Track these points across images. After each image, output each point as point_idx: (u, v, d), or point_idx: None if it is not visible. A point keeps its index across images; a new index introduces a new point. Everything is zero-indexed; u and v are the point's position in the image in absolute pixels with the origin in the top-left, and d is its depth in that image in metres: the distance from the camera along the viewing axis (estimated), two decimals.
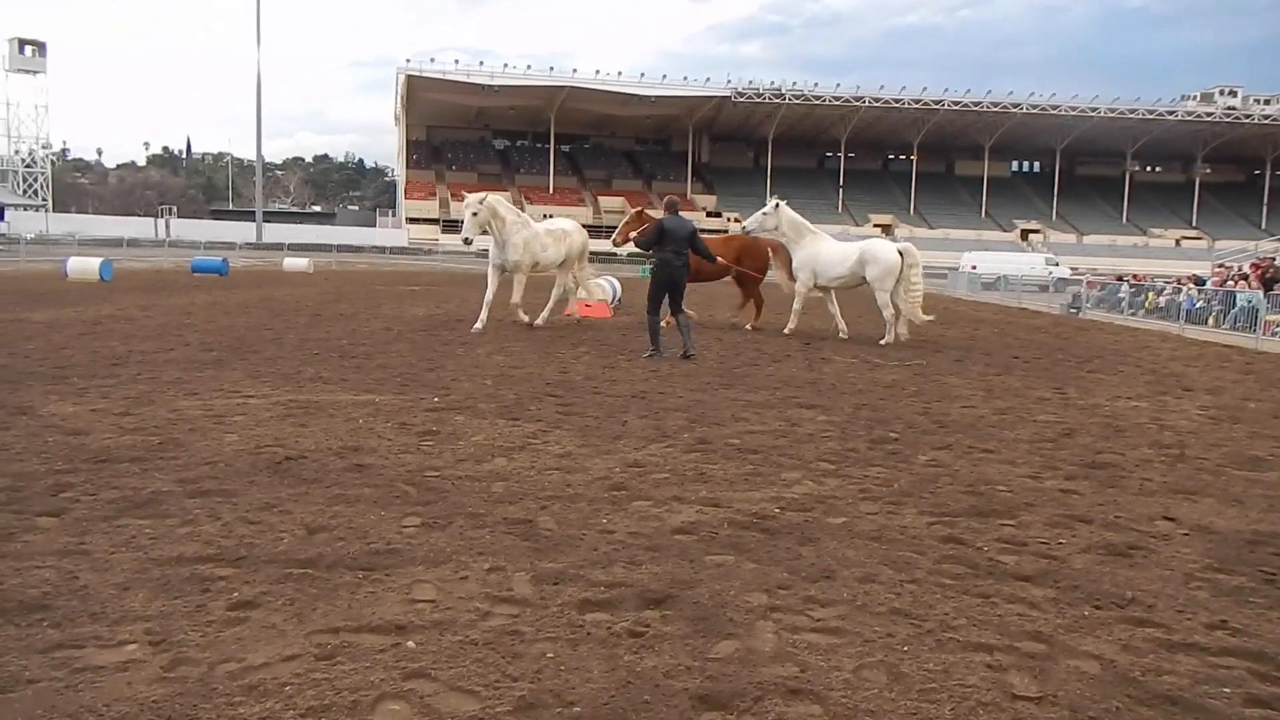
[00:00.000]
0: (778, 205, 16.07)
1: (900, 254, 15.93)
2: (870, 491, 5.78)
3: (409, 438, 6.82)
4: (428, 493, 5.36)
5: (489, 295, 14.88)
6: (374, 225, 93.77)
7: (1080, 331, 21.11)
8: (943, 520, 5.22)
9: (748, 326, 17.06)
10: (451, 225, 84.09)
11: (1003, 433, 7.94)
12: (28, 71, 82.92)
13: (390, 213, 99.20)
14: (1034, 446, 7.42)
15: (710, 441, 7.05)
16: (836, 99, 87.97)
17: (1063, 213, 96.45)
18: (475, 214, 14.02)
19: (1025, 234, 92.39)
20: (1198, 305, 25.15)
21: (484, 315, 14.73)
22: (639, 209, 16.23)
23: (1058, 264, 52.30)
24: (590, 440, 6.95)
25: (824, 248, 16.35)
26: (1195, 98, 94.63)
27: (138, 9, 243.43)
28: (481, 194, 14.40)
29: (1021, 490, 5.98)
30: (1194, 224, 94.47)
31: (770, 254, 17.21)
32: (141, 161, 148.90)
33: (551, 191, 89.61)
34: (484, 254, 15.86)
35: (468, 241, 14.28)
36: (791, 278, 16.49)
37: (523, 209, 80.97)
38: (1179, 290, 26.73)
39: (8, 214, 59.05)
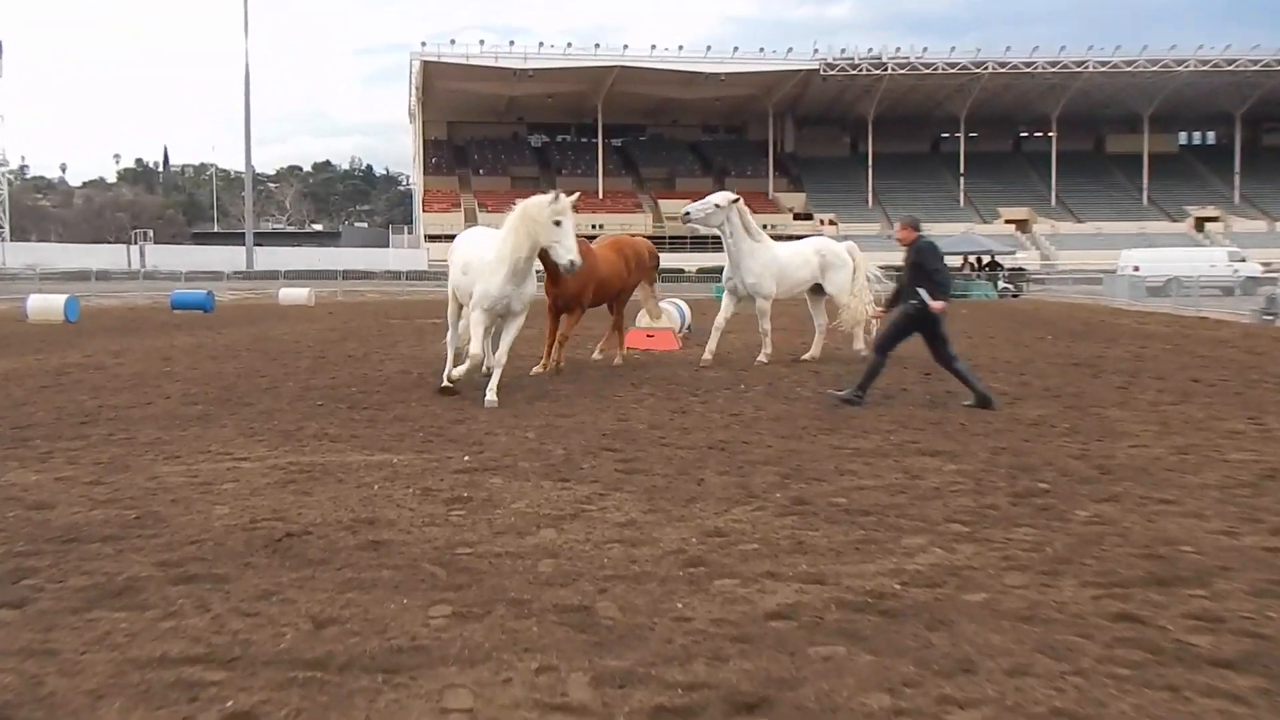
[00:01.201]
0: (736, 200, 15.85)
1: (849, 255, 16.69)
2: (1017, 559, 5.67)
3: (435, 506, 6.86)
4: (460, 574, 5.38)
5: (492, 350, 12.85)
6: (387, 245, 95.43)
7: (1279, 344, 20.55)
8: (1112, 593, 5.10)
9: (617, 361, 16.09)
10: None
11: (1185, 477, 7.76)
12: None
13: (406, 229, 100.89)
14: (1227, 494, 7.23)
15: (809, 501, 6.98)
16: (951, 66, 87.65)
17: (1248, 194, 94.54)
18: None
19: (1200, 223, 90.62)
20: None
21: (495, 382, 12.01)
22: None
23: (1244, 259, 51.05)
24: (659, 504, 6.93)
25: (782, 251, 16.54)
26: None
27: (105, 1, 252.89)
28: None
29: (1214, 550, 5.82)
30: None
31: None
32: (111, 178, 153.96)
33: (601, 196, 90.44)
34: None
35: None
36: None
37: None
38: None
39: None
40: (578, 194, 12.40)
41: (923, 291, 11.20)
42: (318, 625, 4.66)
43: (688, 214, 15.78)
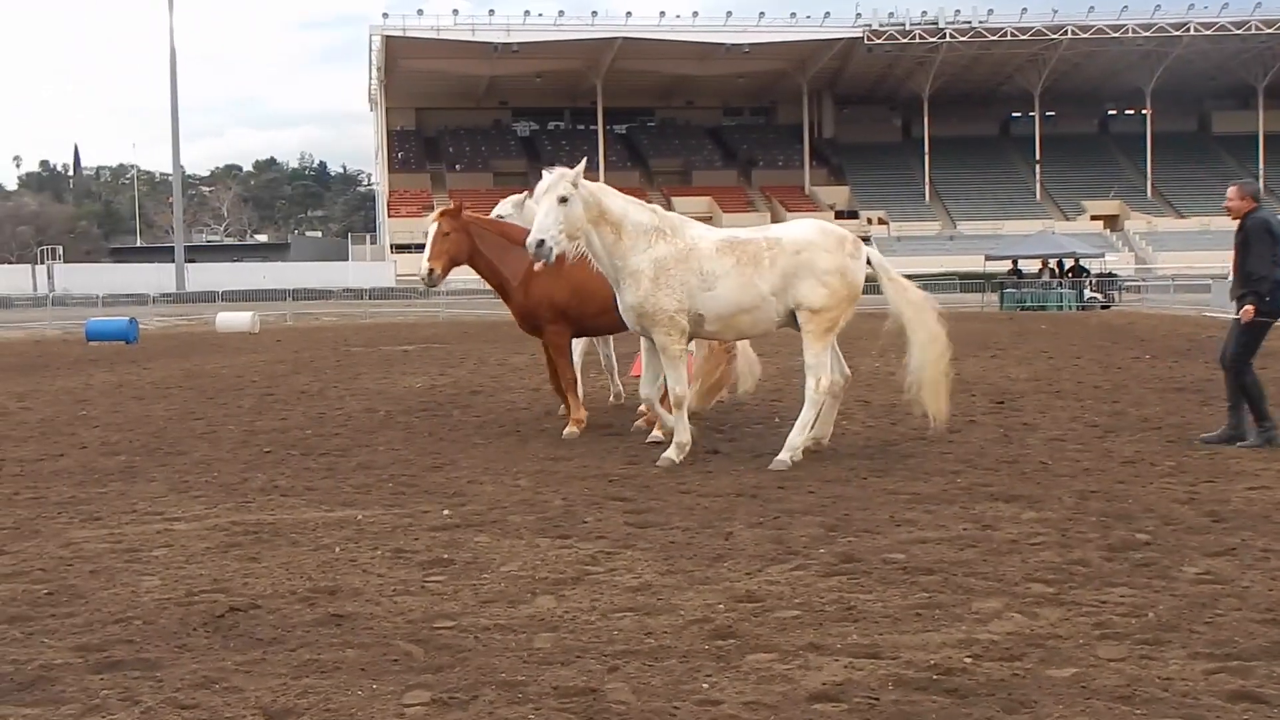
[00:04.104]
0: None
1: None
2: (1111, 625, 5.66)
3: (409, 571, 6.88)
4: (439, 653, 5.39)
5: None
6: (345, 258, 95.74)
7: None
8: (1229, 666, 5.08)
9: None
10: None
11: None
12: None
13: (368, 238, 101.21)
14: None
15: (860, 558, 6.98)
16: (1022, 32, 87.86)
17: None
18: None
19: None
20: None
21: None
22: (450, 207, 13.00)
23: None
24: (679, 564, 6.93)
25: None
26: None
27: None
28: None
29: None
30: None
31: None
32: (12, 184, 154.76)
33: None
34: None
35: None
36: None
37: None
38: None
39: None
40: (584, 162, 11.02)
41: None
42: (270, 717, 4.67)
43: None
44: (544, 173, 10.57)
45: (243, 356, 26.65)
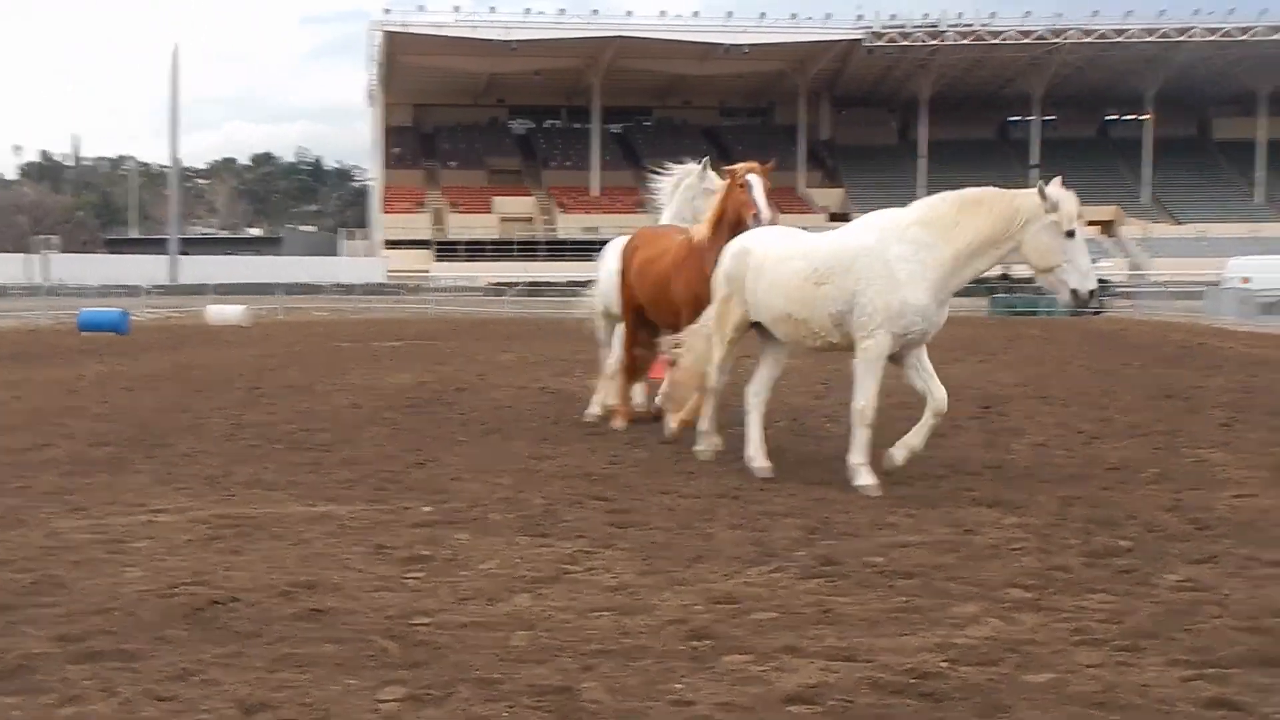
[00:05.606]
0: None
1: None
2: (1090, 631, 5.69)
3: (388, 567, 6.91)
4: (416, 649, 5.42)
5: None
6: (337, 253, 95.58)
7: None
8: (1205, 674, 5.10)
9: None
10: (448, 248, 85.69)
11: None
12: None
13: (360, 234, 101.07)
14: None
15: (839, 561, 7.00)
16: (1024, 35, 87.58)
17: None
18: None
19: None
20: None
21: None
22: (753, 165, 11.60)
23: None
24: (657, 564, 6.96)
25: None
26: None
27: None
28: None
29: None
30: None
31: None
32: (11, 174, 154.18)
33: (597, 192, 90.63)
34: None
35: None
36: None
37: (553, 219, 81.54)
38: None
39: None
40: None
41: None
42: (246, 711, 4.70)
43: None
44: (1053, 188, 9.89)
45: (232, 350, 26.67)
